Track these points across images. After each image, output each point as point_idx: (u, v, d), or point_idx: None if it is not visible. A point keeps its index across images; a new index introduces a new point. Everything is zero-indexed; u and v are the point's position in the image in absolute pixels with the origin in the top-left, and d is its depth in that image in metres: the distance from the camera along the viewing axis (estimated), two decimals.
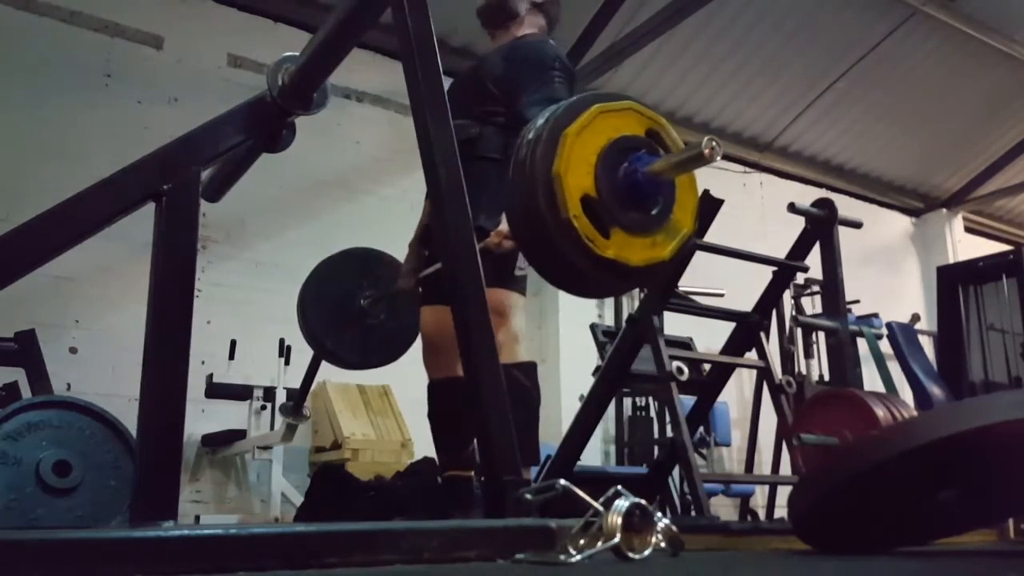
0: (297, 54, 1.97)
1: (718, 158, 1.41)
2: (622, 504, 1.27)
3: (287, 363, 4.37)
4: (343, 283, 2.93)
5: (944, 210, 8.40)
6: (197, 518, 4.23)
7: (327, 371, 3.79)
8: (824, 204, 3.36)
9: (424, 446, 3.70)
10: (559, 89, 2.49)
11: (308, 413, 3.88)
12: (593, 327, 4.41)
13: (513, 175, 1.45)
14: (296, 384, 3.91)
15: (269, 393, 4.38)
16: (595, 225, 1.38)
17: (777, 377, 3.23)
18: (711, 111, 6.82)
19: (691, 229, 1.54)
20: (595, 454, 5.54)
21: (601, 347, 4.21)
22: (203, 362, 4.28)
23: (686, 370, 2.79)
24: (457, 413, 2.45)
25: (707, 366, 3.27)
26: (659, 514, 1.33)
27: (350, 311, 2.89)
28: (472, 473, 2.57)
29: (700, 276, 3.99)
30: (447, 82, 1.80)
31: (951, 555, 1.79)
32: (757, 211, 6.94)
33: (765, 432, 5.28)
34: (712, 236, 3.20)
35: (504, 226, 2.32)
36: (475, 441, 2.25)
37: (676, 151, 1.49)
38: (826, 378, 4.37)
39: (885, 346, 5.24)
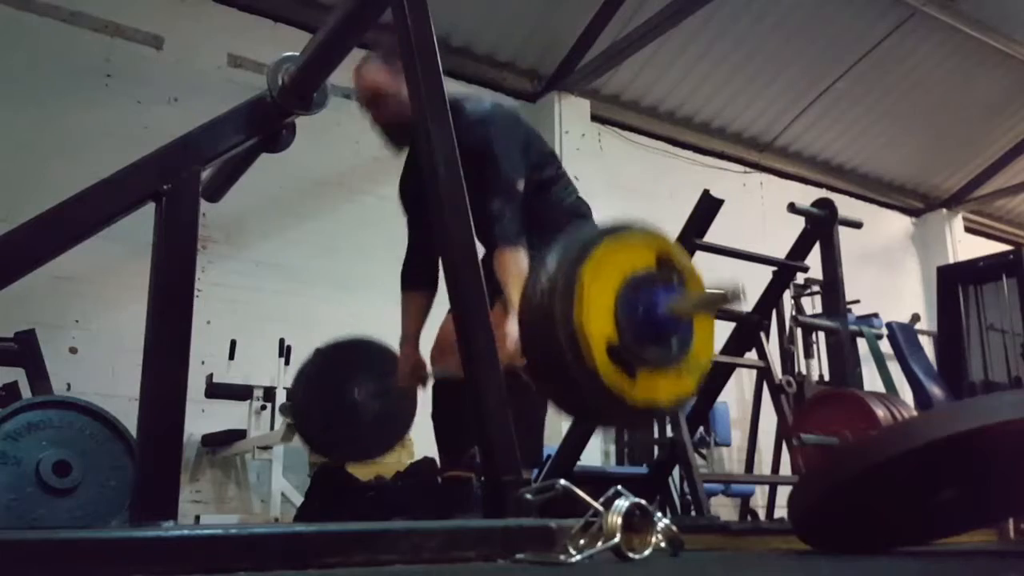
0: (297, 54, 1.97)
1: (742, 302, 1.40)
2: (622, 504, 1.27)
3: (287, 363, 4.37)
4: (336, 378, 2.88)
5: (944, 210, 8.40)
6: (197, 518, 4.23)
7: None
8: (824, 204, 3.36)
9: (424, 446, 3.69)
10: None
11: None
12: None
13: (532, 326, 1.41)
14: None
15: (269, 393, 4.37)
16: (621, 369, 1.36)
17: (777, 377, 3.23)
18: (711, 111, 6.82)
19: (712, 355, 1.53)
20: (595, 454, 5.54)
21: None
22: (203, 362, 4.27)
23: None
24: (460, 414, 2.45)
25: (708, 371, 3.27)
26: (659, 514, 1.33)
27: (344, 406, 2.84)
28: (472, 475, 2.57)
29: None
30: (447, 82, 1.80)
31: (951, 555, 1.79)
32: (757, 211, 6.94)
33: (765, 432, 5.28)
34: (712, 236, 3.20)
35: (513, 330, 2.13)
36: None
37: (687, 274, 1.46)
38: (826, 378, 4.37)
39: (885, 346, 5.23)
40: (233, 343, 4.46)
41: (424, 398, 2.73)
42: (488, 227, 2.27)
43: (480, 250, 1.91)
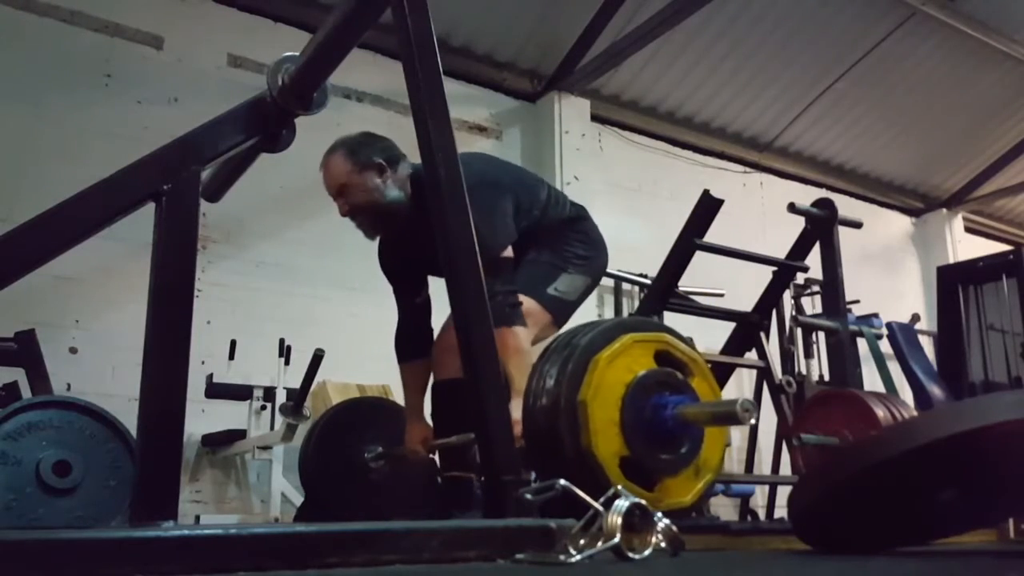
0: (297, 54, 1.97)
1: (751, 422, 1.38)
2: (622, 504, 1.27)
3: (287, 363, 4.37)
4: (346, 437, 2.89)
5: (944, 210, 8.39)
6: (197, 518, 4.23)
7: (327, 371, 3.79)
8: (824, 204, 3.37)
9: None
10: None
11: (308, 413, 3.87)
12: None
13: (542, 444, 1.39)
14: (296, 384, 3.92)
15: (269, 393, 4.37)
16: (639, 481, 1.34)
17: (777, 377, 3.23)
18: (711, 111, 6.82)
19: (724, 449, 1.50)
20: None
21: None
22: (203, 362, 4.27)
23: None
24: (460, 414, 2.44)
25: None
26: (659, 514, 1.33)
27: (352, 465, 2.85)
28: (472, 475, 2.57)
29: (700, 276, 3.99)
30: (447, 82, 1.80)
31: (951, 555, 1.79)
32: (757, 211, 6.94)
33: (765, 432, 5.27)
34: (712, 236, 3.20)
35: (517, 414, 2.17)
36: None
37: (688, 361, 1.44)
38: (826, 378, 4.36)
39: (885, 346, 5.23)
40: (233, 343, 4.45)
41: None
42: None
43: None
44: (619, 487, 1.31)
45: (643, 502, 1.30)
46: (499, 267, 2.34)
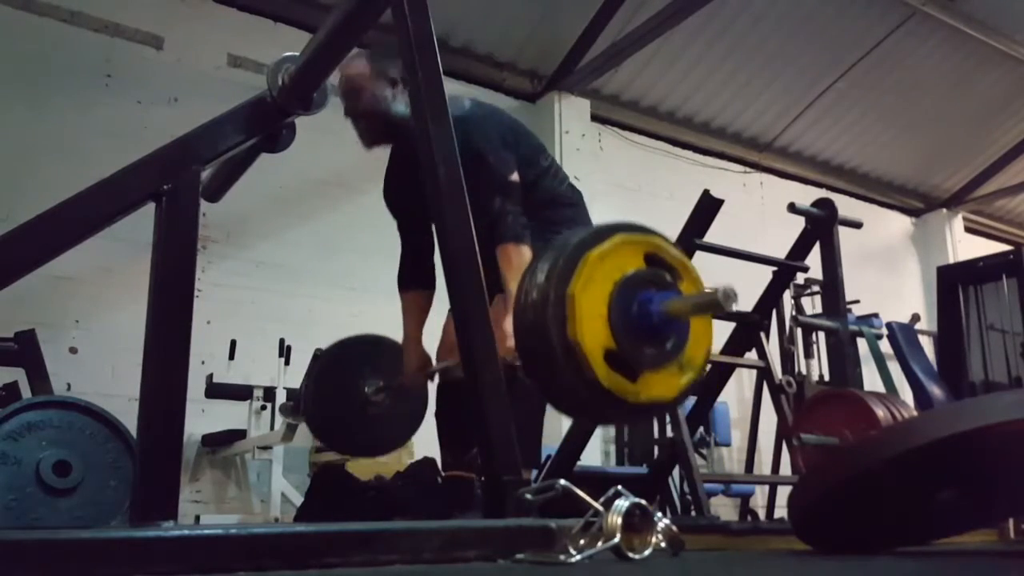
0: (297, 54, 1.97)
1: (733, 308, 1.39)
2: (622, 504, 1.27)
3: (287, 363, 4.37)
4: (347, 372, 2.89)
5: (944, 210, 8.40)
6: (197, 518, 4.23)
7: None
8: (824, 204, 3.36)
9: (424, 446, 3.69)
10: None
11: None
12: None
13: (528, 339, 1.41)
14: (296, 384, 3.91)
15: (269, 393, 4.37)
16: (621, 373, 1.36)
17: (777, 377, 3.23)
18: (711, 111, 6.82)
19: (710, 344, 1.53)
20: (595, 454, 5.54)
21: None
22: (203, 362, 4.27)
23: None
24: (463, 414, 2.44)
25: (707, 366, 3.27)
26: (659, 514, 1.33)
27: (354, 401, 2.86)
28: (473, 475, 2.57)
29: (700, 276, 3.98)
30: (447, 82, 1.80)
31: (951, 555, 1.79)
32: (757, 211, 6.94)
33: (765, 432, 5.28)
34: (712, 236, 3.20)
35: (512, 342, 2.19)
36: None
37: (679, 266, 1.46)
38: (826, 378, 4.37)
39: (885, 346, 5.23)
40: (233, 343, 4.46)
41: (433, 393, 2.73)
42: (491, 227, 2.28)
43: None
44: (619, 487, 1.31)
45: (643, 502, 1.30)
46: (509, 189, 2.35)
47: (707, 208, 3.13)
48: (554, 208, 2.60)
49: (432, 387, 2.75)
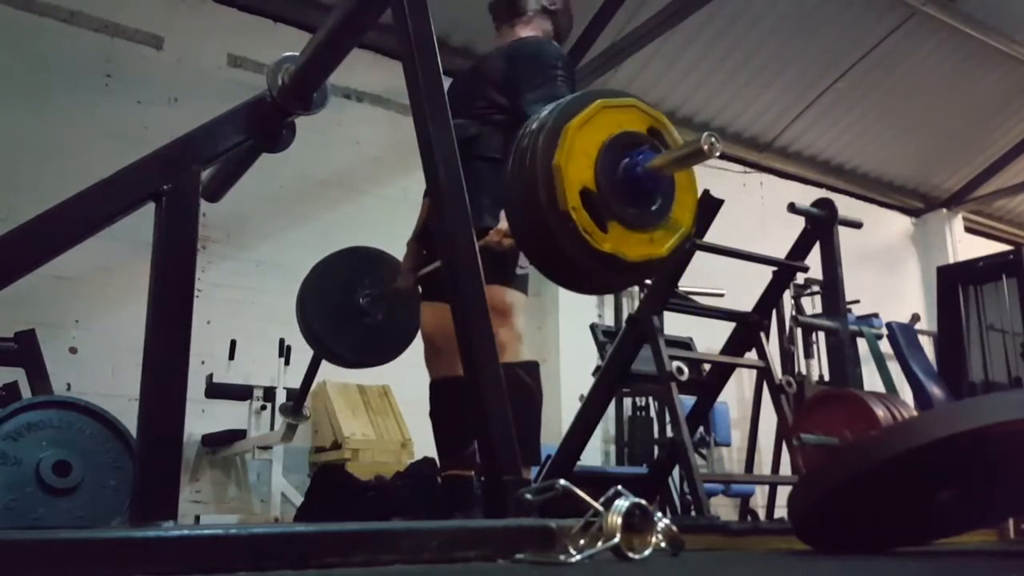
0: (297, 54, 1.97)
1: (717, 154, 1.40)
2: (622, 504, 1.27)
3: (287, 363, 4.37)
4: (342, 281, 2.91)
5: (944, 210, 8.40)
6: (197, 518, 4.23)
7: (327, 371, 3.79)
8: (824, 204, 3.36)
9: (424, 446, 3.69)
10: (561, 88, 2.47)
11: (308, 413, 3.88)
12: (593, 327, 4.41)
13: (513, 165, 1.45)
14: (296, 384, 3.91)
15: (269, 393, 4.38)
16: (593, 218, 1.38)
17: (777, 377, 3.23)
18: (711, 111, 6.82)
19: (689, 227, 1.54)
20: (595, 454, 5.54)
21: (601, 347, 4.21)
22: (203, 362, 4.28)
23: (686, 370, 2.79)
24: (458, 413, 2.45)
25: (707, 366, 3.27)
26: (659, 514, 1.33)
27: (349, 309, 2.87)
28: (472, 473, 2.57)
29: (700, 276, 3.98)
30: (447, 82, 1.80)
31: (951, 555, 1.79)
32: (757, 211, 6.93)
33: (765, 432, 5.27)
34: (712, 236, 3.20)
35: (504, 224, 2.32)
36: (475, 441, 2.24)
37: (675, 146, 1.50)
38: (826, 378, 4.37)
39: (885, 346, 5.24)
40: (233, 343, 4.46)
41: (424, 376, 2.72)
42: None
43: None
44: (619, 487, 1.31)
45: (643, 502, 1.30)
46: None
47: (707, 208, 3.13)
48: None
49: (423, 376, 2.74)
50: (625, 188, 1.42)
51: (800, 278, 5.40)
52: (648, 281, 3.18)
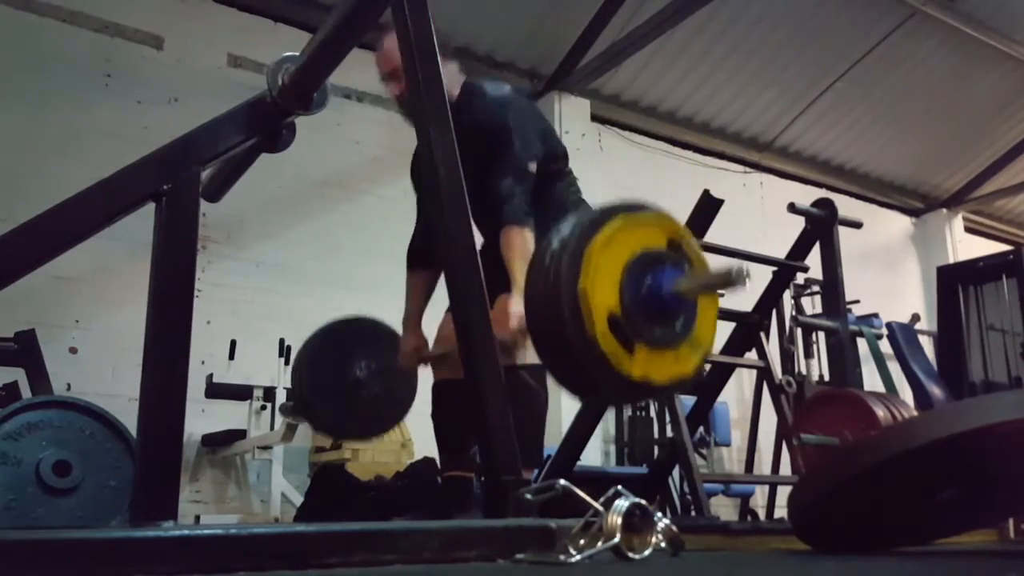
0: (297, 54, 1.97)
1: (746, 285, 1.37)
2: (622, 504, 1.27)
3: (287, 363, 4.36)
4: (339, 353, 2.88)
5: (944, 210, 8.40)
6: (197, 518, 4.23)
7: None
8: (824, 204, 3.36)
9: (424, 446, 3.69)
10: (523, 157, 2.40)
11: None
12: None
13: (536, 288, 1.42)
14: None
15: (269, 393, 4.37)
16: (620, 341, 1.35)
17: (777, 377, 3.23)
18: (711, 111, 6.82)
19: (712, 343, 1.52)
20: (595, 454, 5.53)
21: None
22: (203, 362, 4.27)
23: None
24: (460, 414, 2.44)
25: (707, 366, 3.27)
26: (659, 514, 1.33)
27: (345, 382, 2.85)
28: (472, 474, 2.57)
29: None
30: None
31: (951, 555, 1.79)
32: (757, 211, 6.93)
33: (765, 432, 5.28)
34: (712, 236, 3.20)
35: (517, 308, 2.11)
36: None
37: (697, 261, 1.47)
38: (826, 378, 4.37)
39: (885, 346, 5.24)
40: (233, 343, 4.46)
41: (425, 379, 2.71)
42: (498, 207, 2.29)
43: (479, 240, 1.90)
44: (619, 487, 1.31)
45: (643, 502, 1.30)
46: (524, 176, 2.36)
47: (707, 208, 3.13)
48: (561, 212, 2.60)
49: (424, 376, 2.73)
50: (650, 308, 1.40)
51: (800, 278, 5.40)
52: None
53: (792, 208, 3.27)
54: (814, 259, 3.39)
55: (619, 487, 1.30)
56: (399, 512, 3.12)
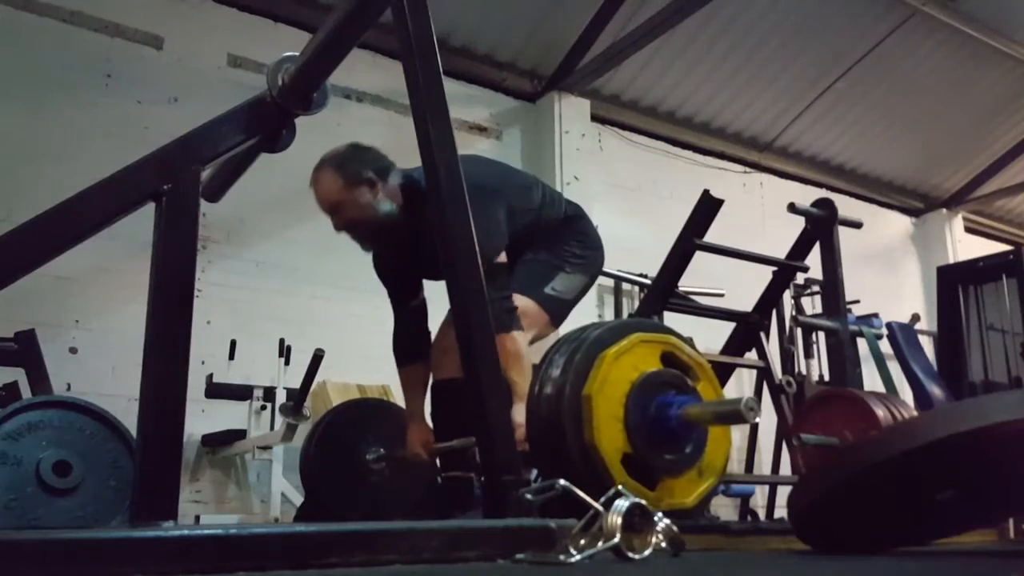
0: (297, 54, 1.97)
1: (755, 420, 1.36)
2: (622, 504, 1.27)
3: (287, 363, 4.37)
4: (348, 437, 2.88)
5: (944, 210, 8.39)
6: (197, 518, 4.23)
7: (327, 371, 3.79)
8: (824, 204, 3.37)
9: None
10: None
11: (308, 413, 3.88)
12: None
13: (541, 441, 1.40)
14: (296, 384, 3.91)
15: (269, 393, 4.37)
16: (640, 479, 1.33)
17: (777, 377, 3.23)
18: (711, 111, 6.82)
19: (728, 452, 1.50)
20: None
21: None
22: (203, 362, 4.27)
23: None
24: (460, 414, 2.44)
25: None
26: (659, 514, 1.33)
27: (353, 467, 2.85)
28: (472, 474, 2.57)
29: (700, 276, 3.99)
30: (447, 82, 1.80)
31: (951, 555, 1.79)
32: (757, 211, 6.94)
33: (765, 432, 5.27)
34: (712, 236, 3.20)
35: (520, 419, 2.02)
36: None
37: (695, 366, 1.44)
38: (826, 378, 4.37)
39: (885, 346, 5.23)
40: (233, 343, 4.45)
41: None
42: None
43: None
44: (620, 487, 1.31)
45: (643, 502, 1.30)
46: (494, 273, 2.29)
47: (707, 208, 3.13)
48: (559, 231, 2.62)
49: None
50: (661, 440, 1.38)
51: (800, 278, 5.40)
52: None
53: (792, 208, 3.27)
54: (814, 259, 3.39)
55: (619, 487, 1.30)
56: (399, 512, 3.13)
